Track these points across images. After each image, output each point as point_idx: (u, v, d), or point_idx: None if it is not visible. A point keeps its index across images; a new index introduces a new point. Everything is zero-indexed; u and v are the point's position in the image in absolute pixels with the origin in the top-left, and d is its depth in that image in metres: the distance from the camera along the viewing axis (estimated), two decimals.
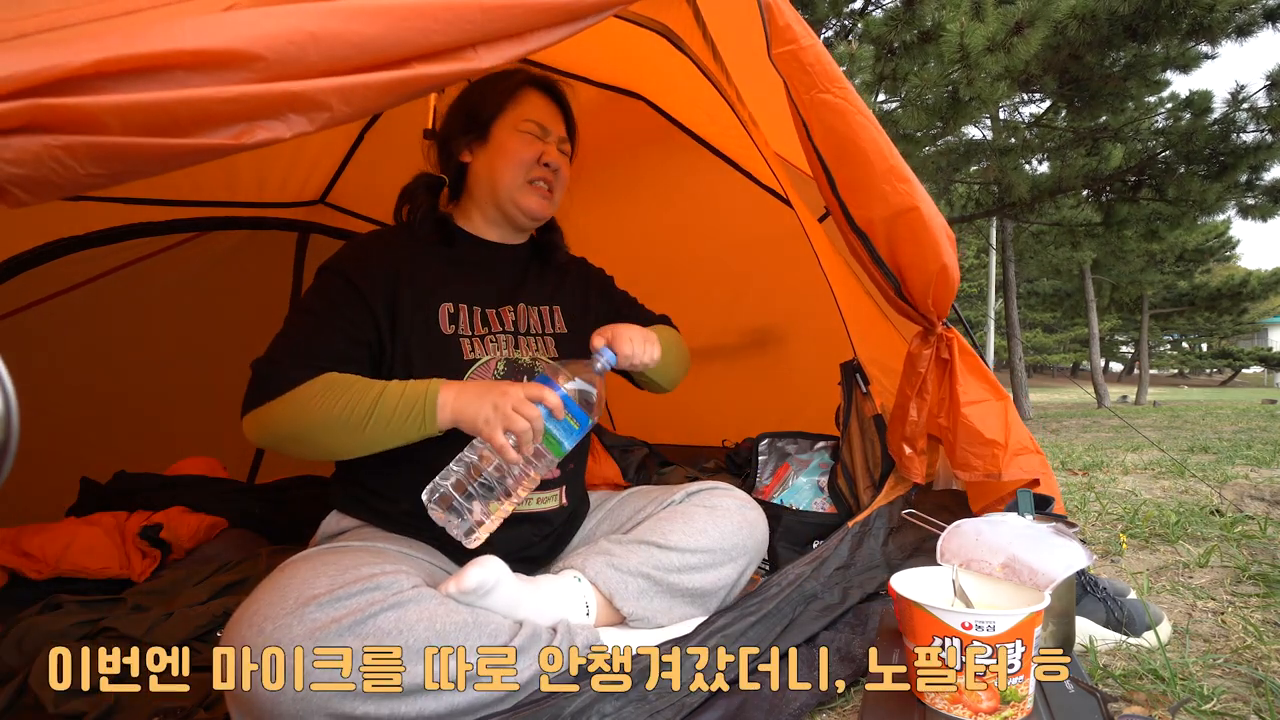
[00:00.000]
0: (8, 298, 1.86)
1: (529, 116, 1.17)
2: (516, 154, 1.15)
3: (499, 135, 1.17)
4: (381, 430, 0.95)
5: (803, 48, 1.13)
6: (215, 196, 2.13)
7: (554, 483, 1.15)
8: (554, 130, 1.20)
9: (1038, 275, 12.74)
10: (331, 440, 0.97)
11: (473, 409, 0.94)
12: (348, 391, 0.97)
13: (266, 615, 0.76)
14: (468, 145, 1.19)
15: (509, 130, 1.16)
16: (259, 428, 0.99)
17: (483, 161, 1.18)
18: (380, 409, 0.95)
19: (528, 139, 1.16)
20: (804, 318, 2.15)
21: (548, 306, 1.24)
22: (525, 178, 1.16)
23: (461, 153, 1.20)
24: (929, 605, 0.80)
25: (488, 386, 0.97)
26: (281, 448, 1.01)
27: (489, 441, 0.92)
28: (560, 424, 0.97)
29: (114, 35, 0.49)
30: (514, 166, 1.15)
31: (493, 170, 1.16)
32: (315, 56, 0.57)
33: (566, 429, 0.98)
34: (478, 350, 1.11)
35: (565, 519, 1.19)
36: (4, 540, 1.54)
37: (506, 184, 1.16)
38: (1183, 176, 5.82)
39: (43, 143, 0.47)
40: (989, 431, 1.26)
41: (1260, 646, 1.09)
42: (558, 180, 1.21)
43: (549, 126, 1.19)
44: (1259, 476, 2.82)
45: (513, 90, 1.18)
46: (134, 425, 2.19)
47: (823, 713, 0.96)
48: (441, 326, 1.10)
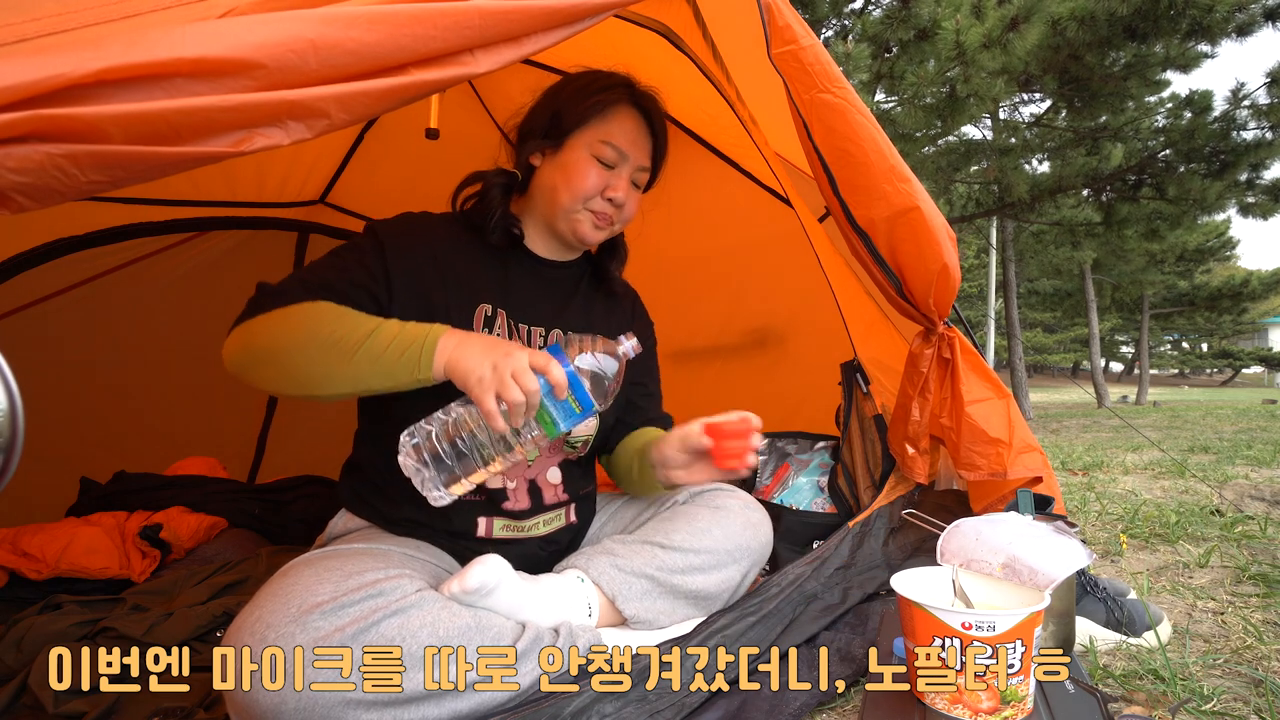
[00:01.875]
0: (8, 298, 1.87)
1: (609, 139, 1.09)
2: (581, 180, 1.08)
3: (572, 150, 1.09)
4: (371, 365, 0.88)
5: (802, 48, 1.13)
6: (215, 196, 2.13)
7: (560, 504, 1.14)
8: (633, 157, 1.12)
9: (1038, 275, 12.74)
10: (311, 365, 0.90)
11: (468, 363, 0.86)
12: (344, 317, 0.92)
13: (269, 623, 0.76)
14: (541, 149, 1.12)
15: (584, 148, 1.09)
16: (238, 342, 0.93)
17: (549, 172, 1.11)
18: (374, 340, 0.89)
19: (598, 167, 1.09)
20: (804, 318, 2.15)
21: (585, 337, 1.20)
22: (582, 205, 1.09)
23: (534, 154, 1.13)
24: (929, 605, 0.80)
25: (493, 344, 0.89)
26: (255, 370, 0.93)
27: (477, 404, 0.85)
28: (560, 404, 0.88)
29: (115, 42, 0.50)
30: (575, 193, 1.08)
31: (555, 186, 1.10)
32: (315, 64, 0.57)
33: (566, 410, 0.89)
34: None
35: (573, 535, 1.19)
36: (4, 540, 1.54)
37: (564, 204, 1.09)
38: (1183, 175, 5.83)
39: (45, 151, 0.47)
40: (993, 430, 1.26)
41: (1260, 646, 1.09)
42: (620, 215, 1.14)
43: (628, 152, 1.11)
44: (1259, 476, 2.82)
45: (604, 105, 1.10)
46: (134, 425, 2.19)
47: (823, 713, 0.96)
48: (475, 328, 1.06)
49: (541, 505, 1.11)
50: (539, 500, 1.11)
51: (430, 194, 1.20)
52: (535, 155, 1.13)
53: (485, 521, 1.07)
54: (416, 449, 0.87)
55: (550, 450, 1.12)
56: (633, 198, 1.15)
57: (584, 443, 1.15)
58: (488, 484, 1.05)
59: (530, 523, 1.10)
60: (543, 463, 1.12)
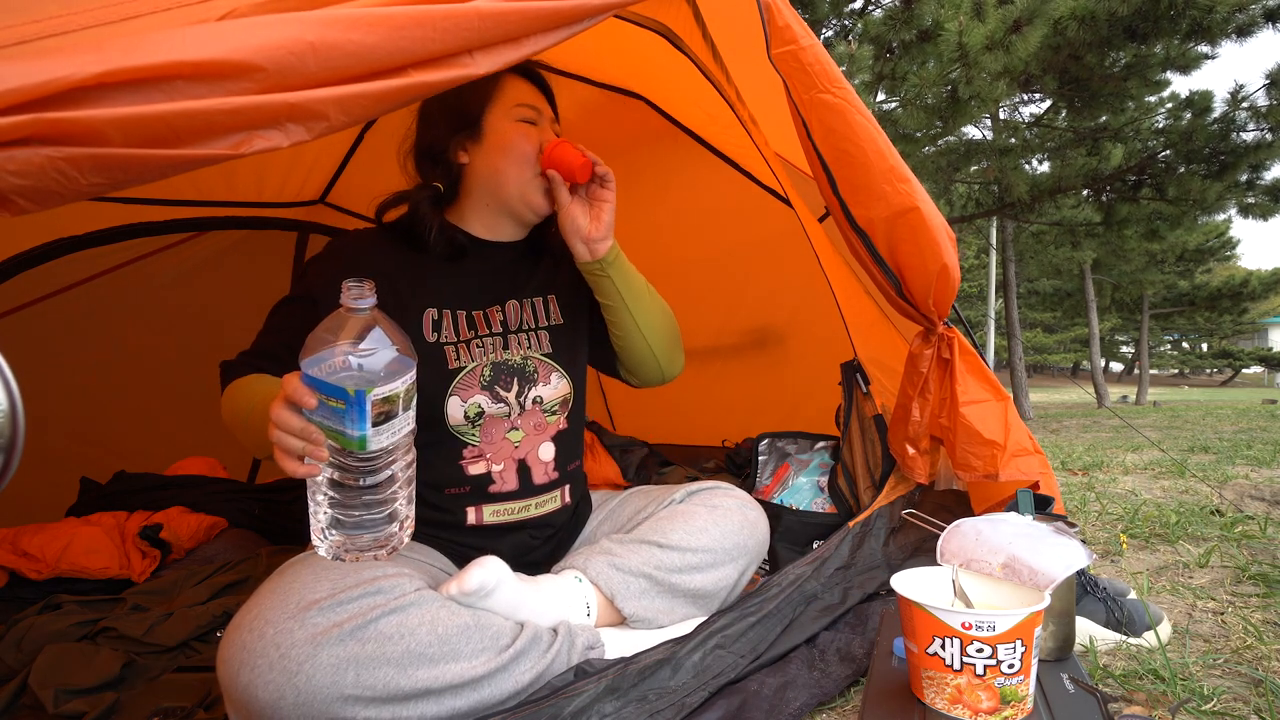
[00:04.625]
0: (8, 298, 1.87)
1: (520, 100, 1.11)
2: (518, 147, 1.10)
3: (494, 127, 1.10)
4: (251, 439, 0.87)
5: (802, 48, 1.13)
6: (215, 196, 2.13)
7: (553, 484, 1.14)
8: (545, 112, 1.15)
9: (1038, 275, 12.74)
10: (245, 439, 0.91)
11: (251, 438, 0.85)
12: (246, 392, 0.92)
13: (268, 619, 0.76)
14: (461, 145, 1.12)
15: (502, 119, 1.10)
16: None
17: (482, 159, 1.11)
18: (249, 417, 0.88)
19: (524, 128, 1.11)
20: (804, 318, 2.15)
21: (540, 298, 1.19)
22: (534, 172, 1.10)
23: (456, 153, 1.13)
24: (929, 605, 0.80)
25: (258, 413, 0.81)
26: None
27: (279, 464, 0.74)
28: (327, 412, 0.70)
29: (115, 45, 0.50)
30: (519, 161, 1.10)
31: (496, 167, 1.11)
32: (314, 66, 0.57)
33: (336, 415, 0.70)
34: (463, 357, 1.08)
35: (568, 519, 1.19)
36: (4, 540, 1.54)
37: (515, 180, 1.10)
38: (1183, 176, 5.82)
39: (45, 155, 0.47)
40: (988, 432, 1.26)
41: (1260, 646, 1.09)
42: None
43: (540, 107, 1.14)
44: (1259, 476, 2.82)
45: (495, 78, 1.11)
46: (134, 425, 2.19)
47: (823, 713, 0.96)
48: (425, 335, 1.06)
49: (531, 486, 1.11)
50: (528, 481, 1.11)
51: None
52: (460, 153, 1.13)
53: (474, 510, 1.07)
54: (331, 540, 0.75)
55: (536, 428, 1.12)
56: None
57: (562, 403, 1.15)
58: (470, 471, 1.06)
59: (521, 504, 1.10)
60: (533, 439, 1.12)
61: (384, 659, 0.76)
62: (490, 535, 1.08)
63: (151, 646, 1.19)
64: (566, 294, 1.22)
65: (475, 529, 1.07)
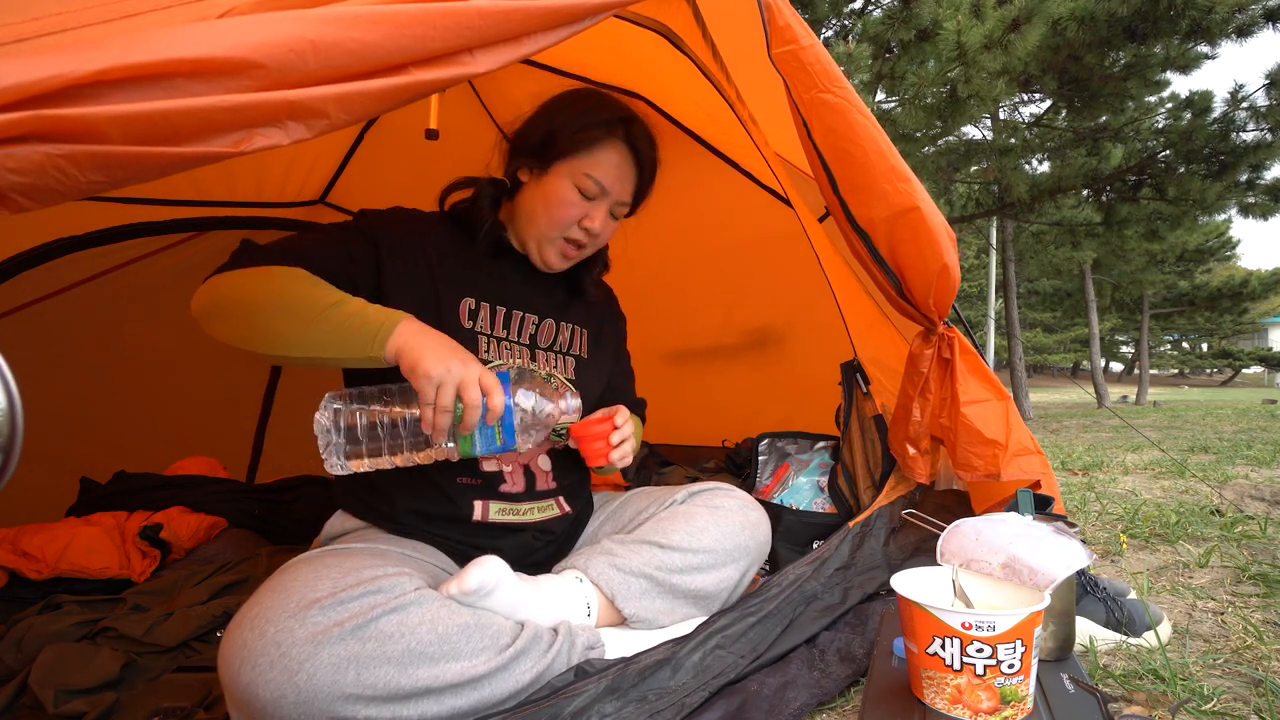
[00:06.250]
0: (8, 298, 1.86)
1: (594, 173, 1.09)
2: (561, 211, 1.09)
3: (555, 178, 1.10)
4: (328, 333, 0.89)
5: (802, 47, 1.13)
6: (215, 196, 2.13)
7: (551, 493, 1.15)
8: (615, 193, 1.12)
9: (1038, 275, 12.75)
10: (271, 322, 0.91)
11: (424, 353, 0.86)
12: (316, 285, 0.93)
13: (269, 619, 0.76)
14: (528, 167, 1.13)
15: (566, 177, 1.09)
16: (210, 290, 0.93)
17: (532, 194, 1.12)
18: (337, 310, 0.90)
19: (578, 198, 1.09)
20: (804, 318, 2.15)
21: (571, 326, 1.22)
22: (559, 234, 1.11)
23: (521, 170, 1.14)
24: (929, 605, 0.80)
25: (455, 347, 0.90)
26: (217, 319, 0.93)
27: (419, 394, 0.85)
28: (486, 430, 0.87)
29: (115, 42, 0.50)
30: (550, 222, 1.10)
31: (535, 210, 1.12)
32: (314, 64, 0.57)
33: (488, 437, 0.88)
34: (494, 352, 1.11)
35: (569, 525, 1.19)
36: (4, 540, 1.54)
37: (541, 229, 1.12)
38: (1183, 176, 5.83)
39: (45, 152, 0.47)
40: (989, 431, 1.26)
41: (1260, 646, 1.09)
42: (593, 243, 1.15)
43: (610, 188, 1.11)
44: (1259, 476, 2.82)
45: (595, 140, 1.09)
46: (134, 425, 2.19)
47: (823, 713, 0.96)
48: (462, 321, 1.09)
49: (535, 491, 1.13)
50: (532, 485, 1.13)
51: (430, 194, 1.21)
52: (523, 171, 1.15)
53: (481, 505, 1.07)
54: (336, 414, 0.87)
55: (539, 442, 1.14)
56: (609, 227, 1.16)
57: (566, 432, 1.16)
58: (484, 466, 1.08)
59: (525, 506, 1.12)
60: (533, 450, 1.15)
61: (384, 658, 0.76)
62: (493, 534, 1.08)
63: (151, 646, 1.19)
64: (593, 334, 1.27)
65: (480, 525, 1.07)
